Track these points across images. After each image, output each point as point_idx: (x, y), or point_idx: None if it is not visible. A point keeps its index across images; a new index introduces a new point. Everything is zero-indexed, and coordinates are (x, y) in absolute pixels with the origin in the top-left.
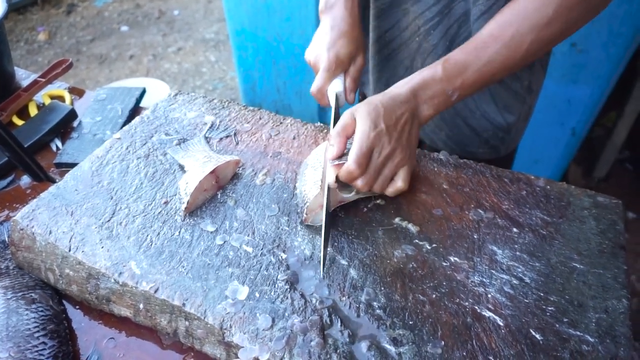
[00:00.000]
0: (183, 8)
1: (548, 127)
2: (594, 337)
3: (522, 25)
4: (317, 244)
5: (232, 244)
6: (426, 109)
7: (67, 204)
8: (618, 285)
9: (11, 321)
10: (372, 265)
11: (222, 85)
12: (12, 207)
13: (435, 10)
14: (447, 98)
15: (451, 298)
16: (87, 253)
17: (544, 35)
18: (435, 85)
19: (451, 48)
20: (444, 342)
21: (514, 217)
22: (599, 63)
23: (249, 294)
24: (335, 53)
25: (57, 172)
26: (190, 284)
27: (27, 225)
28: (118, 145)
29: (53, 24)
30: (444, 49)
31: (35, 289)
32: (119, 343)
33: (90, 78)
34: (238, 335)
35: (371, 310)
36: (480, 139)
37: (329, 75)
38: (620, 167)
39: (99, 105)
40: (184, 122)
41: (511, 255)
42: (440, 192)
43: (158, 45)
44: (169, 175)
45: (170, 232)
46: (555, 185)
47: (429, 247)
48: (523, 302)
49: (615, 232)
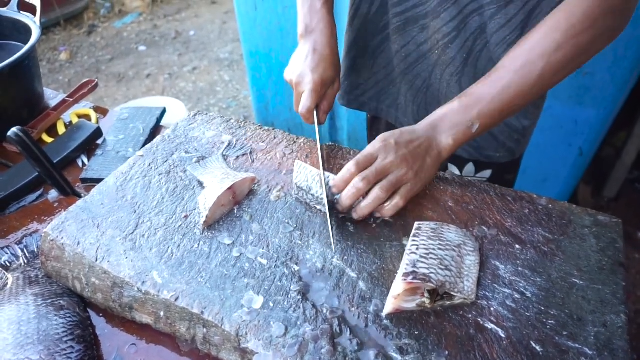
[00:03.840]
0: (199, 29)
1: (555, 147)
2: (593, 350)
3: (531, 53)
4: (328, 257)
5: (247, 256)
6: (445, 138)
7: (94, 217)
8: (617, 300)
9: (42, 326)
10: (380, 278)
11: (236, 104)
12: (40, 219)
13: (452, 26)
14: (467, 129)
15: (455, 310)
16: (112, 263)
17: (554, 60)
18: (453, 117)
19: (468, 60)
20: (448, 351)
21: (517, 234)
22: (605, 86)
23: (263, 303)
24: (320, 76)
25: (83, 187)
26: (208, 293)
27: (57, 237)
28: (141, 162)
29: (74, 44)
30: (462, 61)
31: (63, 296)
32: (139, 349)
33: (109, 96)
34: (253, 342)
35: (379, 321)
36: (498, 143)
37: (317, 96)
38: (631, 187)
39: (122, 124)
40: (203, 140)
41: (513, 270)
42: (445, 210)
43: (174, 65)
44: (189, 191)
45: (190, 245)
46: (557, 204)
47: None
48: (524, 315)
49: (614, 250)
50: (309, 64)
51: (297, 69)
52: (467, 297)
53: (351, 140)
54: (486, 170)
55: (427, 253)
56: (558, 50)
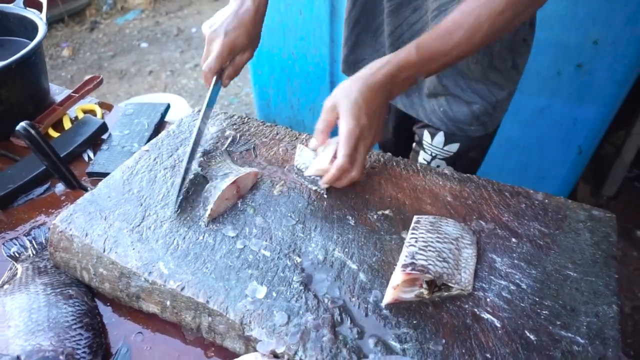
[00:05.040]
0: (200, 26)
1: (555, 146)
2: (585, 339)
3: (480, 13)
4: (329, 249)
5: (251, 248)
6: (397, 90)
7: (101, 210)
8: (609, 292)
9: (52, 314)
10: (380, 270)
11: (237, 101)
12: (47, 212)
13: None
14: (415, 80)
15: (452, 301)
16: (119, 254)
17: (498, 21)
18: (410, 69)
19: None
20: (445, 340)
21: (513, 228)
22: (604, 84)
23: (266, 293)
24: (232, 41)
25: (89, 180)
26: (213, 283)
27: (66, 228)
28: (147, 156)
29: (77, 40)
30: None
31: (71, 286)
32: (146, 337)
33: (111, 92)
34: (257, 330)
35: (378, 311)
36: (472, 115)
37: (222, 60)
38: (630, 185)
39: (127, 119)
40: (207, 136)
41: (509, 263)
42: (444, 204)
43: (176, 62)
44: (194, 184)
45: (195, 237)
46: (553, 199)
47: None
48: (519, 306)
49: (608, 243)
50: (226, 25)
51: (214, 26)
52: (464, 288)
53: None
54: (454, 144)
55: (426, 245)
56: (501, 14)
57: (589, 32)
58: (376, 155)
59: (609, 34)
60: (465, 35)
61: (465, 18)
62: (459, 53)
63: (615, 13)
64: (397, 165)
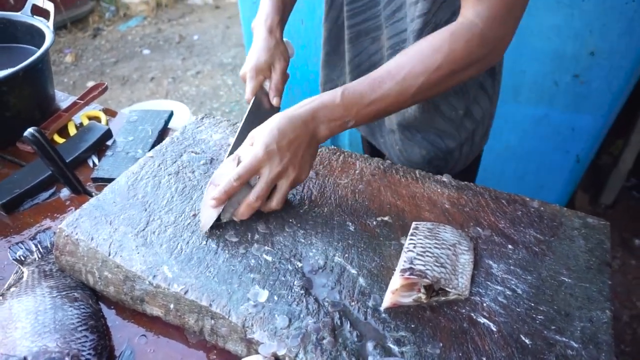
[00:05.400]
0: (202, 33)
1: (553, 154)
2: (578, 343)
3: (415, 67)
4: (329, 255)
5: (253, 253)
6: (323, 129)
7: (107, 214)
8: (602, 298)
9: (57, 316)
10: (379, 274)
11: (238, 108)
12: (53, 216)
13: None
14: (344, 123)
15: (450, 305)
16: (124, 258)
17: (433, 78)
18: (334, 110)
19: None
20: (442, 343)
21: (510, 235)
22: (601, 94)
23: (268, 297)
24: (252, 65)
25: (94, 186)
26: (216, 287)
27: (72, 232)
28: (151, 162)
29: (79, 46)
30: None
31: (76, 289)
32: (149, 340)
33: (113, 98)
34: (258, 333)
35: (377, 314)
36: (424, 159)
37: (254, 84)
38: (628, 194)
39: (131, 126)
40: (210, 143)
41: (506, 269)
42: (442, 211)
43: (178, 69)
44: (197, 191)
45: (199, 241)
46: (549, 207)
47: None
48: (515, 311)
49: (602, 250)
50: (248, 56)
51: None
52: (461, 293)
53: (352, 145)
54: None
55: (424, 251)
56: (437, 70)
57: (585, 43)
58: (376, 163)
59: (606, 45)
60: (397, 86)
61: (399, 70)
62: (391, 102)
63: (612, 25)
64: (397, 173)
